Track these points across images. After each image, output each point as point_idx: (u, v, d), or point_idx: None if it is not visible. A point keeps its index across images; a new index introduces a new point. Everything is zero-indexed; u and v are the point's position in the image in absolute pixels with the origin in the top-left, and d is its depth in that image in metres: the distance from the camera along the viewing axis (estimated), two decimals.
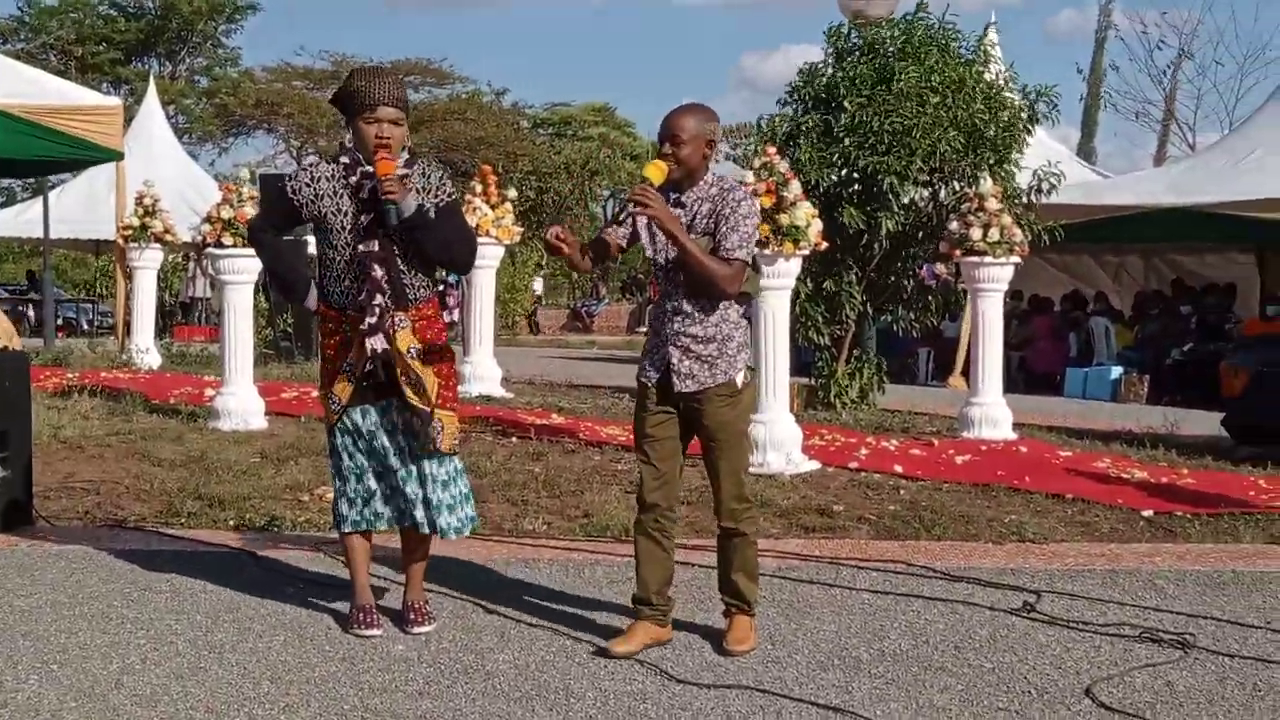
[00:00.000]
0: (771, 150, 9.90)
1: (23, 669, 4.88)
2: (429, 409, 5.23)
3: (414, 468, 5.31)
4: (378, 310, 5.17)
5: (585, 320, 38.00)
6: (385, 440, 5.30)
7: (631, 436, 9.83)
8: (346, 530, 5.43)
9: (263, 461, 9.35)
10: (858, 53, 13.05)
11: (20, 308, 29.86)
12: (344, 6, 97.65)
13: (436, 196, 5.28)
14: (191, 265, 31.46)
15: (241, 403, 11.06)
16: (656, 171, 4.95)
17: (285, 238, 5.75)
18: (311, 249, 6.19)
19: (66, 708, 4.49)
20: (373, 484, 5.36)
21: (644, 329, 30.70)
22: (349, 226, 5.22)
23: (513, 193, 13.72)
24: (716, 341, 5.08)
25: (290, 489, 8.35)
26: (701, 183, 5.08)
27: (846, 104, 12.49)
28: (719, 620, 5.33)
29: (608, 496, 8.13)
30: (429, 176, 5.30)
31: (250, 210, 10.94)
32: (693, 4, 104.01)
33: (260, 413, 11.18)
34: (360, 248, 5.19)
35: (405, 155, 5.28)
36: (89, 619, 5.52)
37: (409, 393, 5.22)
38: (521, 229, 14.76)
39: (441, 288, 5.32)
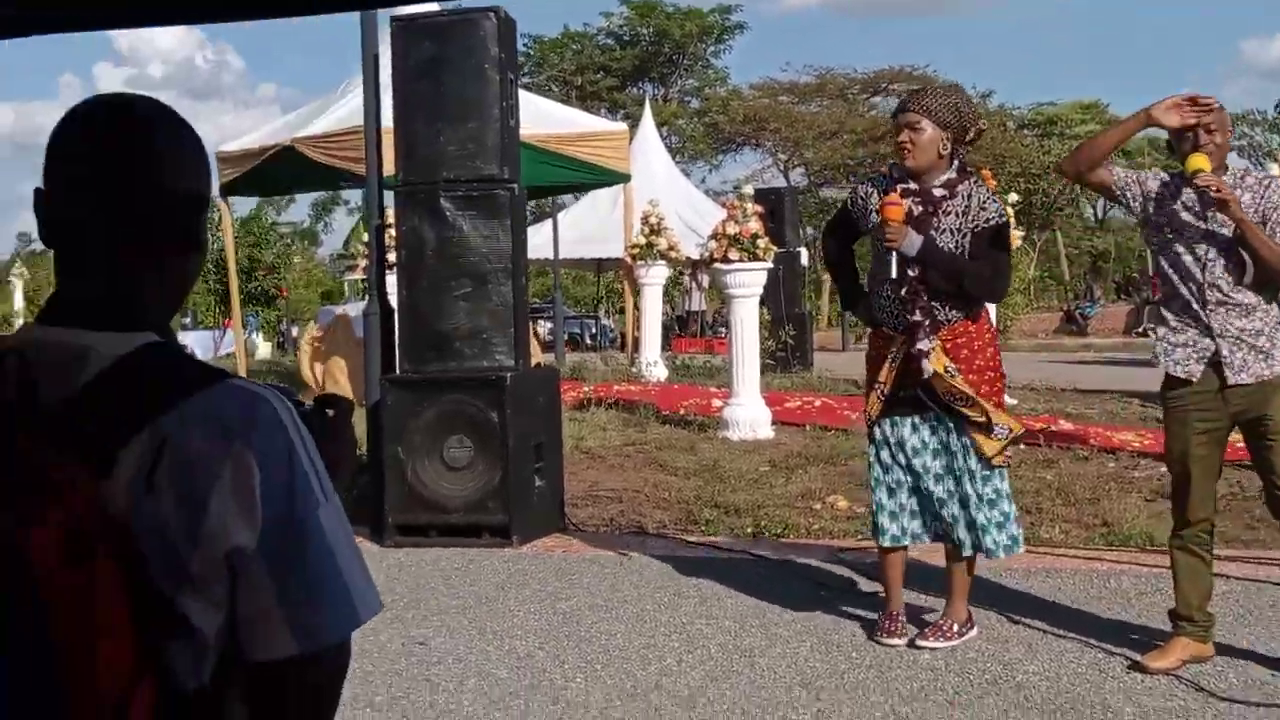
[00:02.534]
0: None
1: (569, 668, 5.17)
2: (984, 417, 5.16)
3: (955, 489, 5.24)
4: (923, 334, 5.15)
5: (1080, 323, 36.71)
6: (918, 458, 5.27)
7: (1147, 443, 9.46)
8: (884, 544, 5.42)
9: (773, 470, 9.55)
10: None
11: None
12: (825, 19, 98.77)
13: (974, 220, 5.16)
14: (687, 279, 32.50)
15: (749, 413, 11.35)
16: (1206, 161, 4.71)
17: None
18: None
19: (612, 706, 4.73)
20: (905, 498, 5.33)
21: (1141, 330, 29.35)
22: (884, 247, 5.20)
23: (1013, 196, 13.46)
24: (1265, 334, 4.79)
25: (802, 497, 8.50)
26: (1230, 172, 4.84)
27: None
28: (1264, 636, 5.03)
29: (1126, 504, 7.84)
30: (971, 198, 5.18)
31: (754, 225, 11.25)
32: None
33: (767, 422, 11.43)
34: (911, 272, 5.16)
35: (952, 171, 5.21)
36: (625, 621, 5.80)
37: (962, 408, 5.18)
38: (1023, 233, 14.47)
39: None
